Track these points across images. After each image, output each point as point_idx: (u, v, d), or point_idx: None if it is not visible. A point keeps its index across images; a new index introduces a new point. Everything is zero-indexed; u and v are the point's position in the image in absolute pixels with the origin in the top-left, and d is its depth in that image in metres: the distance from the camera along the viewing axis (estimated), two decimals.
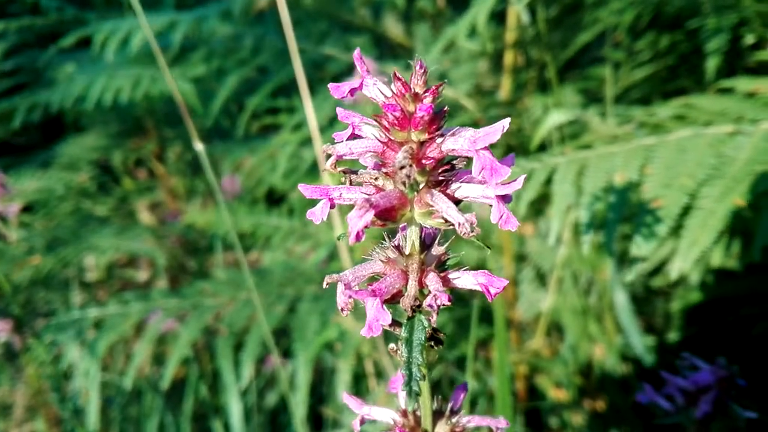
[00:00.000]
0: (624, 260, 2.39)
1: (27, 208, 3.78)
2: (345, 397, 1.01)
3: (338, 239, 0.78)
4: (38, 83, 3.70)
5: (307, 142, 2.74)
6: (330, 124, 2.75)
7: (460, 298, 2.71)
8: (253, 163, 3.32)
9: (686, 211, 1.45)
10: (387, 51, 3.32)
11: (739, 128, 1.57)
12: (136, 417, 2.76)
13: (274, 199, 3.49)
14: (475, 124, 2.67)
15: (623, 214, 1.55)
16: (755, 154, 1.44)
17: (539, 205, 2.59)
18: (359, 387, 2.61)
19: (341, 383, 2.48)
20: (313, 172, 3.02)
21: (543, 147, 2.53)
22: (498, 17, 2.67)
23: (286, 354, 2.94)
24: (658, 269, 2.46)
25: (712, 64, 2.15)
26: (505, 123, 0.78)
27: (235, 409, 2.39)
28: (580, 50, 2.89)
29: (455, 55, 2.82)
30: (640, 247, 1.46)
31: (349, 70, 2.77)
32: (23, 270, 3.15)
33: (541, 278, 2.75)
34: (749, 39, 2.41)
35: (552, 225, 1.62)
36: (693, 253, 1.38)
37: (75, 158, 3.99)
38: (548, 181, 1.70)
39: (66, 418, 2.63)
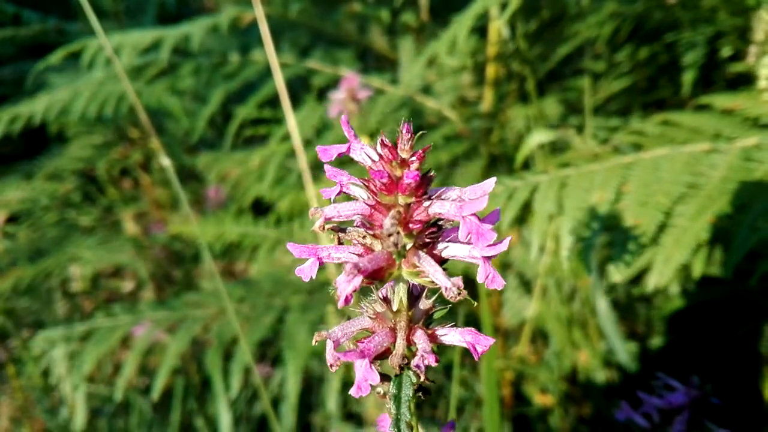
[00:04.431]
0: (605, 268, 2.45)
1: (11, 219, 3.77)
2: None
3: (329, 292, 0.80)
4: (20, 94, 3.69)
5: (294, 153, 2.77)
6: (317, 134, 2.78)
7: (444, 302, 2.74)
8: (239, 174, 3.34)
9: (662, 228, 1.49)
10: (372, 63, 3.36)
11: (715, 146, 1.62)
12: (123, 428, 2.76)
13: (261, 209, 3.51)
14: (458, 136, 2.72)
15: (602, 229, 1.59)
16: (729, 173, 1.48)
17: (523, 214, 2.65)
18: (347, 395, 2.64)
19: (331, 391, 2.51)
20: (299, 182, 3.05)
21: (526, 158, 2.57)
22: (480, 32, 2.71)
23: (275, 363, 2.96)
24: (641, 276, 2.52)
25: (688, 77, 2.20)
26: (489, 185, 0.80)
27: (224, 419, 2.40)
28: (562, 61, 2.94)
29: (439, 68, 2.86)
30: (617, 267, 1.50)
31: (334, 83, 2.80)
32: (6, 281, 3.14)
33: (526, 285, 2.79)
34: (726, 51, 2.47)
35: (533, 242, 1.66)
36: (668, 269, 1.42)
37: (59, 169, 3.98)
38: (531, 198, 1.74)
39: (53, 430, 2.62)
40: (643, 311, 2.78)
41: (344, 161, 0.91)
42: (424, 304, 0.88)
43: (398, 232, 0.77)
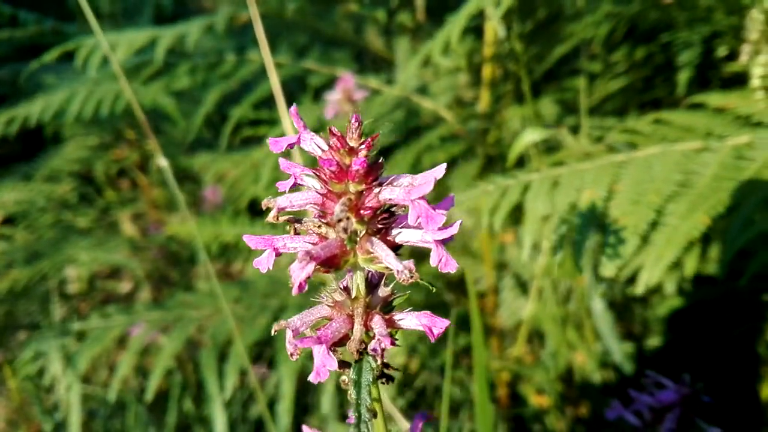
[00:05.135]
0: (600, 268, 2.44)
1: (8, 221, 3.77)
2: (305, 430, 1.03)
3: (290, 286, 0.81)
4: (17, 96, 3.69)
5: (290, 153, 2.76)
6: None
7: (442, 304, 2.74)
8: (236, 175, 3.33)
9: (653, 226, 1.49)
10: (368, 64, 3.36)
11: (706, 144, 1.62)
12: (119, 429, 2.76)
13: (257, 211, 3.50)
14: (454, 136, 2.72)
15: (593, 228, 1.58)
16: (721, 171, 1.48)
17: (519, 213, 2.65)
18: (343, 397, 2.63)
19: (325, 393, 2.50)
20: None
21: (521, 158, 2.57)
22: (476, 32, 2.71)
23: (271, 365, 2.95)
24: (636, 276, 2.51)
25: (683, 77, 2.20)
26: (439, 171, 0.81)
27: (219, 421, 2.39)
28: (558, 62, 2.94)
29: (436, 68, 2.86)
30: (606, 265, 1.50)
31: (330, 83, 2.80)
32: (2, 283, 3.14)
33: (522, 286, 2.78)
34: (722, 51, 2.47)
35: (525, 241, 1.66)
36: (659, 267, 1.42)
37: (56, 170, 3.98)
38: (523, 197, 1.74)
39: None
40: (639, 311, 2.78)
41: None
42: (383, 291, 0.89)
43: (348, 218, 0.79)
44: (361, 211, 0.82)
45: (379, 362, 0.82)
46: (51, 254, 3.31)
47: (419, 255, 0.95)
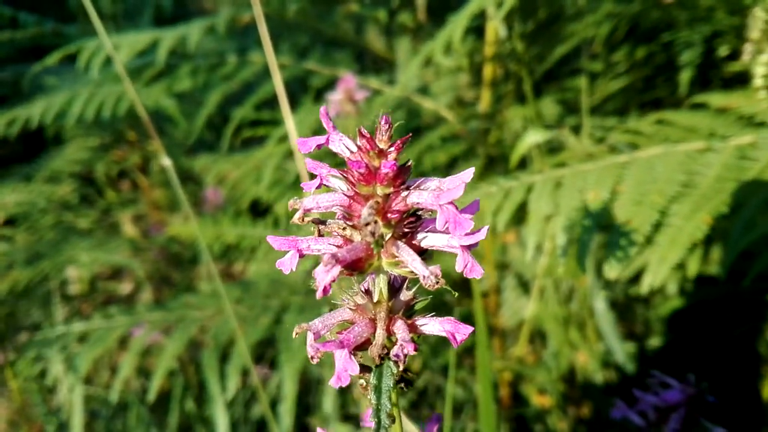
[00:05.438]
0: (603, 268, 2.44)
1: (9, 222, 3.76)
2: None
3: (310, 286, 0.79)
4: (18, 97, 3.69)
5: (292, 154, 2.76)
6: (314, 135, 2.77)
7: (443, 304, 2.74)
8: (237, 175, 3.34)
9: (657, 227, 1.49)
10: (369, 64, 3.36)
11: (709, 145, 1.62)
12: (121, 430, 2.76)
13: (259, 211, 3.50)
14: (455, 136, 2.72)
15: (597, 229, 1.58)
16: (724, 172, 1.48)
17: (521, 213, 2.64)
18: (345, 397, 2.63)
19: (327, 394, 2.50)
20: (296, 184, 3.04)
21: (523, 158, 2.57)
22: (477, 32, 2.71)
23: (273, 365, 2.95)
24: (639, 276, 2.51)
25: (685, 77, 2.20)
26: (467, 176, 0.80)
27: (221, 421, 2.39)
28: (559, 61, 2.94)
29: (437, 68, 2.86)
30: (613, 266, 1.50)
31: (331, 84, 2.80)
32: (3, 284, 3.14)
33: (524, 286, 2.78)
34: (723, 50, 2.47)
35: (528, 243, 1.65)
36: (663, 269, 1.42)
37: (57, 171, 3.98)
38: (526, 198, 1.74)
39: None
40: (641, 311, 2.78)
41: (340, 162, 0.91)
42: (405, 295, 0.88)
43: (375, 222, 0.78)
44: (388, 215, 0.81)
45: (401, 368, 0.81)
46: (52, 255, 3.31)
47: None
